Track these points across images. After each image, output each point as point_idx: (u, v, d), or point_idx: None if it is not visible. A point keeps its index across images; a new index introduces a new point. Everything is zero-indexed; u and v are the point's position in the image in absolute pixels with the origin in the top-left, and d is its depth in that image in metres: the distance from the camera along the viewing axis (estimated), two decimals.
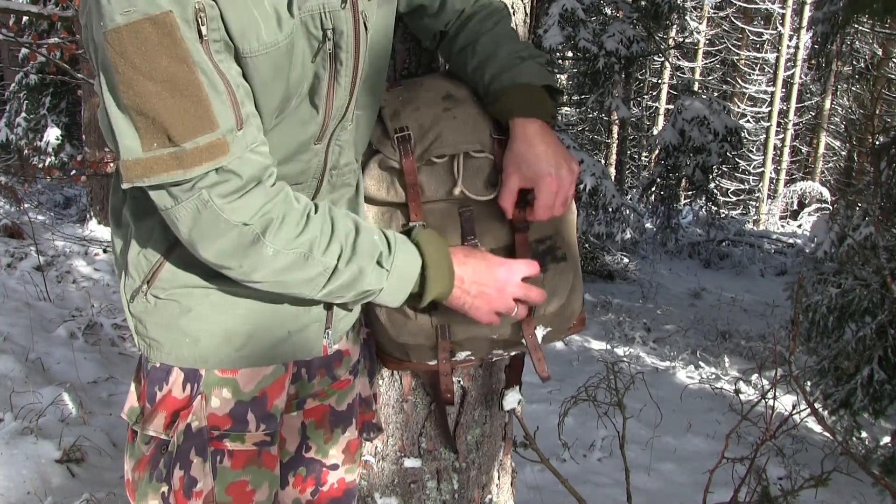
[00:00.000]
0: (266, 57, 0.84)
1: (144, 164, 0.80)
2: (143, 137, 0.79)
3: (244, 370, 1.03)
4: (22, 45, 7.60)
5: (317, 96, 0.93)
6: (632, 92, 16.26)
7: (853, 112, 16.06)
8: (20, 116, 10.95)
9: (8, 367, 3.23)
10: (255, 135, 0.86)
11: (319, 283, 0.93)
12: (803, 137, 21.68)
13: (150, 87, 0.77)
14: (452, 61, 1.20)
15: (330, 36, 0.90)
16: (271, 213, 0.87)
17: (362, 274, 0.95)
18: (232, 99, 0.82)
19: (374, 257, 0.96)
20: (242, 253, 0.87)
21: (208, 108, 0.79)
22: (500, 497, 1.58)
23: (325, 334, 1.09)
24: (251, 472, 1.06)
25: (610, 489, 3.22)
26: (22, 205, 7.45)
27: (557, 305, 1.17)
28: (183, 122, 0.78)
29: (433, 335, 1.15)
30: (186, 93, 0.78)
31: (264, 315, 1.02)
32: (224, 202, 0.83)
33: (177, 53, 0.77)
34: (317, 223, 0.91)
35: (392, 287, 0.98)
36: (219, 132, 0.80)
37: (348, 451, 1.23)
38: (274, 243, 0.88)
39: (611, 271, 9.43)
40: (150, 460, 1.03)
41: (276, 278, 0.91)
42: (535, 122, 1.10)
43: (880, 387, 3.65)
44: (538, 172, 1.08)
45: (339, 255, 0.93)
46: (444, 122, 1.13)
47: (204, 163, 0.80)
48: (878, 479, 2.24)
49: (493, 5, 1.19)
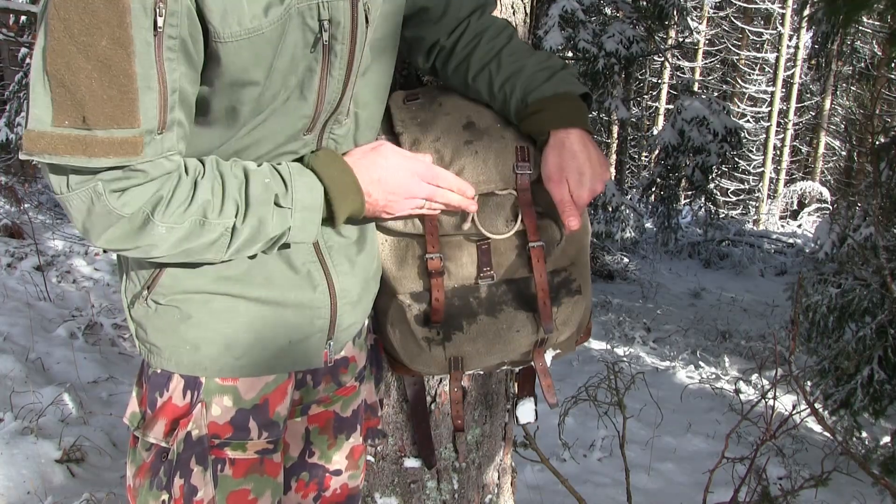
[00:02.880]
0: (247, 42, 0.81)
1: (49, 139, 0.75)
2: (57, 111, 0.75)
3: (245, 378, 1.02)
4: (22, 45, 7.59)
5: (307, 88, 0.91)
6: (632, 92, 16.27)
7: (853, 112, 16.05)
8: (20, 116, 10.94)
9: (8, 367, 3.23)
10: (174, 143, 0.83)
11: (223, 245, 0.89)
12: (803, 137, 21.69)
13: (80, 61, 0.73)
14: (468, 84, 1.15)
15: (326, 27, 0.88)
16: (160, 191, 0.83)
17: (263, 223, 0.90)
18: (162, 101, 0.78)
19: (271, 200, 0.90)
20: (135, 236, 0.84)
21: (134, 103, 0.76)
22: (500, 497, 1.58)
23: (326, 345, 1.08)
24: (253, 481, 1.04)
25: (610, 489, 3.22)
26: (22, 205, 7.45)
27: (568, 334, 1.18)
28: (103, 109, 0.75)
29: (446, 367, 1.17)
30: (117, 81, 0.74)
31: (265, 324, 1.00)
32: (116, 196, 0.80)
33: (119, 37, 0.73)
34: (206, 186, 0.86)
35: (300, 222, 0.93)
36: (137, 130, 0.77)
37: (352, 457, 1.22)
38: (164, 220, 0.83)
39: (611, 271, 9.44)
40: (150, 467, 1.01)
41: (176, 250, 0.87)
42: (577, 131, 1.08)
43: (880, 387, 3.65)
44: (582, 183, 1.07)
45: (235, 212, 0.88)
46: (465, 157, 1.11)
47: (111, 156, 0.76)
48: (878, 479, 2.24)
49: (497, 21, 1.16)
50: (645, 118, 19.69)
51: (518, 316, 1.16)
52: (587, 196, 1.08)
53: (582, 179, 1.07)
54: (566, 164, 1.07)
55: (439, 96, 1.18)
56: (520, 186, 1.12)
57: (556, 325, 1.15)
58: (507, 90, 1.11)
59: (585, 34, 8.01)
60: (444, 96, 1.18)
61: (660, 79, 19.24)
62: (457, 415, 1.28)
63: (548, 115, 1.08)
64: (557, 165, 1.08)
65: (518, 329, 1.15)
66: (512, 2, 1.36)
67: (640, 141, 18.78)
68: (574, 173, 1.07)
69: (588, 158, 1.07)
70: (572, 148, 1.07)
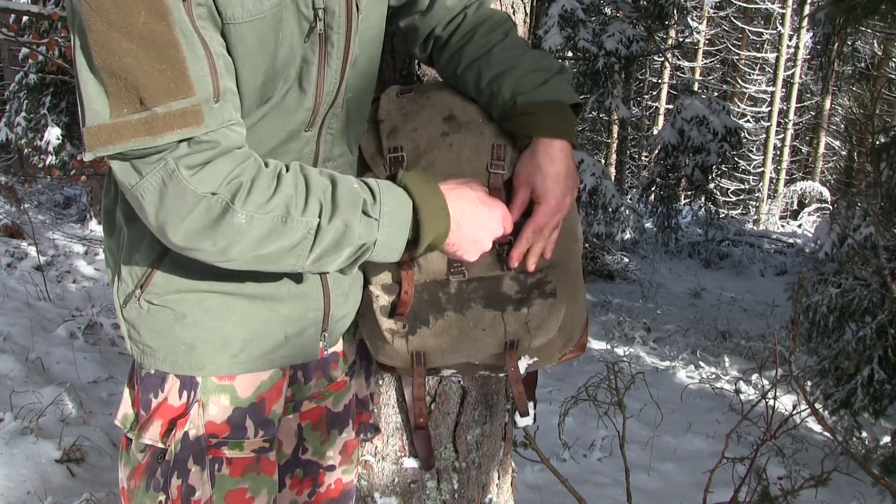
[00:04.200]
0: (250, 26, 0.81)
1: (111, 130, 0.75)
2: (113, 101, 0.74)
3: (242, 376, 1.01)
4: (22, 45, 7.60)
5: (306, 80, 0.90)
6: (632, 92, 16.26)
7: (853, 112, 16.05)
8: (20, 116, 10.93)
9: (8, 367, 3.23)
10: (232, 113, 0.81)
11: (305, 249, 0.85)
12: (803, 137, 21.68)
13: (124, 44, 0.72)
14: (457, 76, 1.13)
15: (321, 16, 0.87)
16: (240, 177, 0.80)
17: (349, 228, 0.86)
18: (211, 67, 0.77)
19: (359, 206, 0.87)
20: (213, 228, 0.80)
21: (185, 72, 0.75)
22: (500, 497, 1.58)
23: (321, 337, 1.08)
24: (250, 480, 1.04)
25: (610, 489, 3.22)
26: (22, 205, 7.45)
27: (544, 340, 1.12)
28: (156, 84, 0.74)
29: (409, 360, 1.14)
30: (163, 52, 0.73)
31: (261, 319, 1.00)
32: (191, 173, 0.78)
33: (156, 8, 0.72)
34: (289, 181, 0.84)
35: (385, 237, 0.89)
36: (194, 99, 0.76)
37: (345, 452, 1.22)
38: (245, 208, 0.80)
39: (611, 271, 9.43)
40: (146, 469, 1.01)
41: (255, 252, 0.83)
42: (561, 142, 1.05)
43: (880, 387, 3.65)
44: (548, 191, 1.04)
45: (319, 212, 0.84)
46: (439, 149, 1.09)
47: (175, 129, 0.75)
48: (878, 479, 2.24)
49: (496, 14, 1.14)
50: (645, 118, 19.69)
51: (486, 314, 1.12)
52: (553, 210, 1.05)
53: (550, 191, 1.04)
54: (542, 167, 1.05)
55: (431, 90, 1.17)
56: (492, 185, 1.09)
57: (529, 329, 1.10)
58: (493, 88, 1.08)
59: (585, 34, 8.01)
60: (435, 91, 1.17)
61: (660, 78, 19.23)
62: (419, 413, 1.24)
63: (535, 119, 1.06)
64: (531, 167, 1.05)
65: (484, 328, 1.12)
66: (512, 2, 1.36)
67: (640, 141, 18.78)
68: (542, 177, 1.04)
69: (565, 172, 1.05)
70: (553, 158, 1.05)
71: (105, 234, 1.04)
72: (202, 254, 0.83)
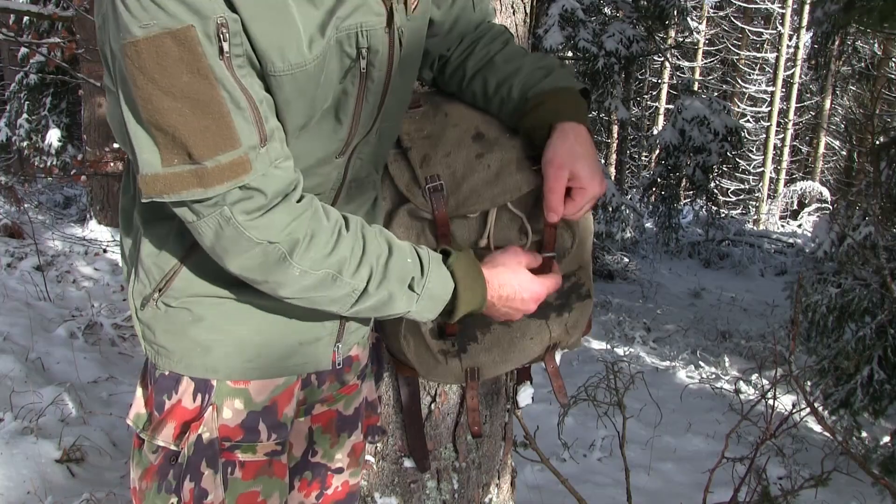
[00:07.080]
0: (290, 77, 0.81)
1: (164, 181, 0.77)
2: (163, 153, 0.77)
3: (256, 381, 1.02)
4: (22, 45, 7.60)
5: (342, 112, 0.90)
6: (632, 92, 16.27)
7: (853, 112, 16.04)
8: (21, 117, 10.94)
9: (8, 366, 3.23)
10: (280, 150, 0.83)
11: (347, 303, 0.92)
12: (803, 137, 21.69)
13: (169, 103, 0.74)
14: (462, 89, 1.15)
15: (364, 55, 0.87)
16: (297, 233, 0.84)
17: (392, 298, 0.93)
18: (255, 115, 0.79)
19: (406, 282, 0.93)
20: (268, 270, 0.85)
21: (230, 125, 0.77)
22: (500, 497, 1.58)
23: (335, 347, 1.08)
24: (262, 483, 1.04)
25: (610, 489, 3.21)
26: (22, 205, 7.46)
27: (577, 337, 1.20)
28: (204, 140, 0.76)
29: (462, 377, 1.18)
30: (208, 110, 0.75)
31: (277, 327, 1.00)
32: (247, 219, 0.81)
33: (198, 69, 0.74)
34: (347, 243, 0.89)
35: (421, 309, 0.97)
36: (241, 150, 0.78)
37: (353, 454, 1.22)
38: (301, 264, 0.85)
39: (611, 271, 9.43)
40: (158, 470, 1.00)
41: (303, 295, 0.89)
42: (581, 127, 1.06)
43: (880, 386, 3.65)
44: (588, 175, 1.04)
45: (368, 278, 0.90)
46: (479, 172, 1.08)
47: (225, 181, 0.78)
48: (878, 478, 2.24)
49: (494, 27, 1.16)
50: (645, 118, 19.69)
51: (531, 324, 1.16)
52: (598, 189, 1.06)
53: (589, 175, 1.04)
54: (574, 150, 1.04)
55: (442, 104, 1.16)
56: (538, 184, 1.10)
57: (567, 329, 1.15)
58: (503, 92, 1.10)
59: (585, 33, 8.01)
60: (447, 104, 1.16)
61: (660, 79, 19.24)
62: (473, 421, 1.29)
63: (549, 107, 1.06)
64: (567, 151, 1.04)
65: (532, 336, 1.16)
66: (512, 1, 1.36)
67: (641, 141, 18.78)
68: (577, 160, 1.04)
69: (594, 155, 1.06)
70: (583, 141, 1.05)
71: (122, 233, 1.04)
72: (253, 282, 0.89)
